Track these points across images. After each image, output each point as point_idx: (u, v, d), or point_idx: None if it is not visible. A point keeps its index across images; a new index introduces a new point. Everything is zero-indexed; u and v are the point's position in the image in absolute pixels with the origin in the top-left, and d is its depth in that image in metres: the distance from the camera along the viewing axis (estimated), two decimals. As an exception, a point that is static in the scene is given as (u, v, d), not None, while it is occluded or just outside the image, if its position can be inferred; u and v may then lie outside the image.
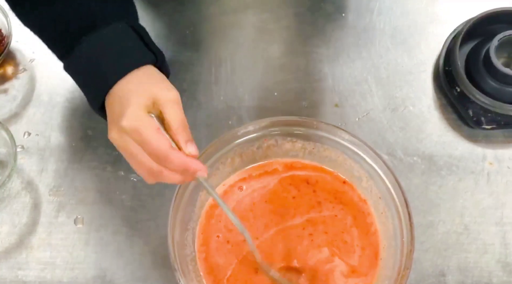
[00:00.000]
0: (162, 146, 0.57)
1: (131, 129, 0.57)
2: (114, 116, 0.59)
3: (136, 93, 0.59)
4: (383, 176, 0.73)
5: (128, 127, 0.57)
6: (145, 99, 0.59)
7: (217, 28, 0.91)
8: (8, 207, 0.81)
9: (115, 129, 0.59)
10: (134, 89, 0.59)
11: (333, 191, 0.77)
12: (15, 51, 0.90)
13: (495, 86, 0.81)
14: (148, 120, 0.58)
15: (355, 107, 0.86)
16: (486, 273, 0.77)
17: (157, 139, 0.57)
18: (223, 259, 0.74)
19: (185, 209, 0.72)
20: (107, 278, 0.77)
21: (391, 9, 0.92)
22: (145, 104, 0.59)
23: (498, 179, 0.81)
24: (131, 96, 0.59)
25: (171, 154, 0.57)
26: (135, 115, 0.58)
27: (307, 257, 0.73)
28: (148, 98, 0.59)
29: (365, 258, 0.74)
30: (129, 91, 0.59)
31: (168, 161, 0.57)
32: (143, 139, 0.57)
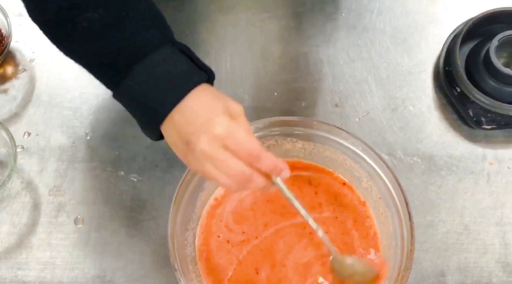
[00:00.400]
0: (256, 145, 0.59)
1: (227, 133, 0.58)
2: (199, 127, 0.59)
3: (216, 104, 0.60)
4: (383, 176, 0.73)
5: (223, 132, 0.58)
6: (225, 108, 0.60)
7: (217, 28, 0.91)
8: (8, 207, 0.81)
9: (205, 139, 0.58)
10: (211, 101, 0.60)
11: (333, 192, 0.77)
12: (15, 51, 0.90)
13: (495, 86, 0.81)
14: (238, 124, 0.59)
15: (355, 107, 0.86)
16: (486, 273, 0.77)
17: (250, 139, 0.59)
18: (224, 259, 0.74)
19: (185, 209, 0.72)
20: (107, 278, 0.77)
21: (391, 9, 0.92)
22: (227, 112, 0.60)
23: (498, 179, 0.81)
24: (213, 106, 0.59)
25: (263, 152, 0.59)
26: (226, 121, 0.58)
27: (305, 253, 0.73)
28: (226, 108, 0.60)
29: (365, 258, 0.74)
30: (208, 103, 0.60)
31: (261, 159, 0.59)
32: (238, 142, 0.58)
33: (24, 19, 0.92)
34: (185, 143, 0.60)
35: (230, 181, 0.59)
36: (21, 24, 0.91)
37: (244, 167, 0.59)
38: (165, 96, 0.60)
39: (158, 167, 0.82)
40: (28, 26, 0.91)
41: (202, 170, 0.60)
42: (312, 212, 0.76)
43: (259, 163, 0.59)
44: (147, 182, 0.81)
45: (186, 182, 0.72)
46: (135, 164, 0.82)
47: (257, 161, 0.59)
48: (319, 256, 0.74)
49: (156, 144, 0.83)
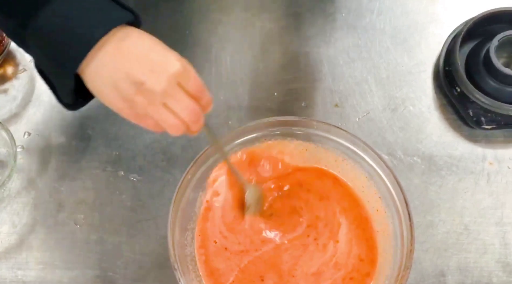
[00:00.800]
0: (201, 80, 0.61)
1: (185, 68, 0.59)
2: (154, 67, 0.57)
3: (160, 42, 0.60)
4: (383, 176, 0.73)
5: (182, 69, 0.58)
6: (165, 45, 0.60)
7: (217, 28, 0.91)
8: (8, 207, 0.81)
9: (165, 77, 0.57)
10: (155, 39, 0.60)
11: (333, 192, 0.77)
12: (15, 51, 0.90)
13: (495, 86, 0.81)
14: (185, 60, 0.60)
15: (355, 107, 0.86)
16: (486, 273, 0.77)
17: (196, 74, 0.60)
18: (224, 265, 0.73)
19: (185, 209, 0.72)
20: (107, 278, 0.77)
21: (391, 9, 0.92)
22: None
23: (498, 179, 0.81)
24: (161, 44, 0.59)
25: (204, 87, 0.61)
26: (179, 57, 0.59)
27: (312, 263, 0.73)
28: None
29: (356, 265, 0.73)
30: (154, 41, 0.59)
31: (204, 92, 0.61)
32: (192, 76, 0.59)
33: (24, 19, 0.92)
34: (136, 84, 0.57)
35: (179, 121, 0.59)
36: (21, 24, 0.91)
37: (196, 104, 0.60)
38: (87, 30, 0.56)
39: (158, 167, 0.82)
40: (28, 26, 0.92)
41: (154, 111, 0.58)
42: (311, 212, 0.76)
43: (202, 96, 0.61)
44: (147, 182, 0.81)
45: (186, 182, 0.72)
46: (135, 164, 0.82)
47: (202, 95, 0.61)
48: (327, 260, 0.73)
49: (156, 144, 0.83)
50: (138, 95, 0.57)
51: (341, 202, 0.77)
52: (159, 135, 0.83)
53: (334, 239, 0.74)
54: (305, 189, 0.77)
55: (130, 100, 0.57)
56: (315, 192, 0.77)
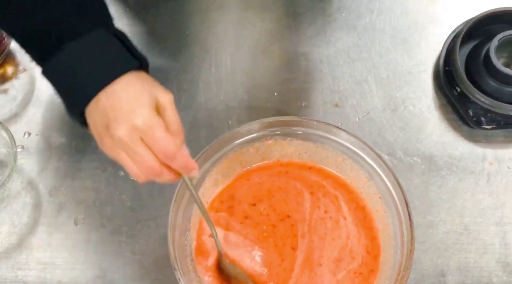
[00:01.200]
0: (172, 145, 0.60)
1: (146, 127, 0.59)
2: (121, 115, 0.59)
3: (143, 94, 0.60)
4: (383, 176, 0.73)
5: (142, 126, 0.59)
6: (152, 100, 0.60)
7: (217, 28, 0.91)
8: (8, 207, 0.81)
9: (125, 127, 0.59)
10: (139, 90, 0.60)
11: (333, 192, 0.77)
12: (15, 51, 0.90)
13: (495, 86, 0.81)
14: (159, 121, 0.60)
15: (355, 107, 0.86)
16: (486, 273, 0.77)
17: (167, 138, 0.59)
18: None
19: (185, 209, 0.72)
20: (107, 278, 0.77)
21: (391, 9, 0.92)
22: (153, 105, 0.60)
23: (498, 179, 0.81)
24: (139, 96, 0.60)
25: (178, 153, 0.60)
26: (148, 114, 0.59)
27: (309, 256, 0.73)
28: (153, 100, 0.60)
29: (365, 258, 0.74)
30: (135, 92, 0.60)
31: (174, 159, 0.60)
32: (155, 138, 0.59)
33: (24, 19, 0.92)
34: (105, 127, 0.60)
35: (140, 172, 0.61)
36: (21, 24, 0.91)
37: (156, 162, 0.60)
38: (93, 79, 0.60)
39: (158, 167, 0.82)
40: (28, 26, 0.92)
41: (116, 156, 0.61)
42: (311, 212, 0.76)
43: (172, 161, 0.60)
44: (147, 182, 0.81)
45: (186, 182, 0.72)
46: (135, 164, 0.82)
47: (171, 160, 0.60)
48: (344, 244, 0.74)
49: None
50: (105, 137, 0.61)
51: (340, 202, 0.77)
52: (159, 135, 0.83)
53: (342, 215, 0.75)
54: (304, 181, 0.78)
55: (100, 139, 0.62)
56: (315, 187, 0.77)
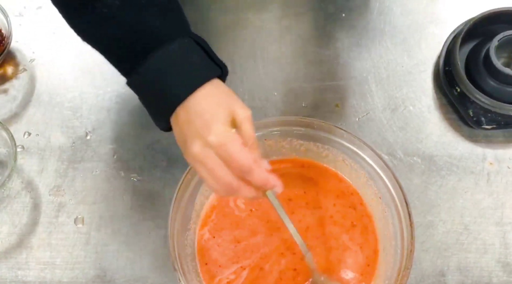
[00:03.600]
0: (248, 161, 0.59)
1: (219, 143, 0.58)
2: (195, 132, 0.59)
3: (219, 109, 0.60)
4: (383, 176, 0.73)
5: (216, 142, 0.58)
6: (227, 115, 0.60)
7: (217, 28, 0.91)
8: (8, 207, 0.81)
9: (199, 144, 0.59)
10: (215, 105, 0.60)
11: (333, 192, 0.77)
12: (15, 51, 0.90)
13: (495, 86, 0.81)
14: (234, 136, 0.59)
15: (355, 107, 0.86)
16: (486, 273, 0.77)
17: (243, 154, 0.59)
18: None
19: (185, 209, 0.72)
20: (107, 278, 0.77)
21: (391, 9, 0.92)
22: (229, 120, 0.60)
23: (498, 179, 0.81)
24: (214, 111, 0.60)
25: (255, 168, 0.59)
26: (222, 130, 0.59)
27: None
28: (229, 114, 0.60)
29: (364, 258, 0.74)
30: (211, 107, 0.60)
31: (251, 175, 0.59)
32: (229, 154, 0.58)
33: (24, 19, 0.92)
34: (183, 142, 0.61)
35: (217, 188, 0.60)
36: (21, 24, 0.91)
37: (232, 178, 0.59)
38: (178, 87, 0.61)
39: (158, 167, 0.82)
40: (28, 26, 0.92)
41: (196, 169, 0.61)
42: (311, 212, 0.76)
43: (249, 177, 0.60)
44: (147, 182, 0.81)
45: (186, 182, 0.72)
46: (135, 164, 0.82)
47: (248, 175, 0.59)
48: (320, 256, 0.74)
49: (156, 144, 0.83)
50: (184, 151, 0.61)
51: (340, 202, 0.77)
52: (159, 136, 0.83)
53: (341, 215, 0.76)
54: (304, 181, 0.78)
55: (183, 152, 0.62)
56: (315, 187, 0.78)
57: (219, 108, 0.60)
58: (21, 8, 0.92)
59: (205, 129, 0.59)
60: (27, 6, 0.93)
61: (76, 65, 0.89)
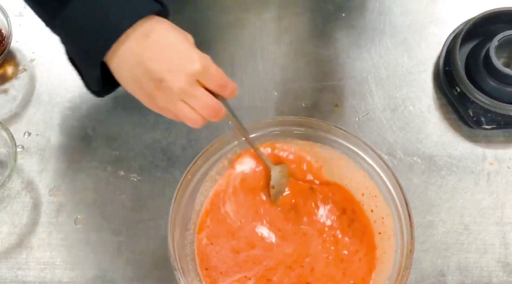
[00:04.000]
0: (223, 74, 0.62)
1: (204, 67, 0.60)
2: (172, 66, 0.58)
3: (183, 39, 0.61)
4: (383, 176, 0.73)
5: (201, 68, 0.60)
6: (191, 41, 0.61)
7: (217, 28, 0.91)
8: (8, 207, 0.81)
9: (183, 77, 0.59)
10: (178, 36, 0.61)
11: (333, 192, 0.77)
12: (15, 51, 0.90)
13: (495, 86, 0.81)
14: (207, 56, 0.61)
15: (355, 107, 0.86)
16: (486, 273, 0.77)
17: (218, 69, 0.61)
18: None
19: (185, 209, 0.72)
20: (107, 278, 0.77)
21: (391, 9, 0.92)
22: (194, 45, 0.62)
23: (498, 179, 0.81)
24: (182, 42, 0.60)
25: (227, 77, 0.62)
26: (200, 55, 0.60)
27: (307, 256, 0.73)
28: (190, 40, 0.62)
29: (364, 258, 0.74)
30: (176, 39, 0.60)
31: (227, 85, 0.62)
32: (212, 73, 0.60)
33: (24, 19, 0.92)
34: (155, 81, 0.59)
35: (199, 116, 0.61)
36: (21, 24, 0.91)
37: (215, 100, 0.61)
38: (114, 20, 0.58)
39: (158, 167, 0.82)
40: (28, 26, 0.92)
41: (172, 107, 0.60)
42: (310, 212, 0.76)
43: (225, 90, 0.62)
44: (147, 182, 0.81)
45: (186, 182, 0.72)
46: (135, 164, 0.82)
47: (225, 89, 0.62)
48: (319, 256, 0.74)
49: (156, 144, 0.83)
50: (158, 91, 0.59)
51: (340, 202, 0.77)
52: (160, 136, 0.83)
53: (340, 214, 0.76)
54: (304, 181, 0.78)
55: (150, 95, 0.60)
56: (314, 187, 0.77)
57: (183, 38, 0.61)
58: (21, 8, 0.92)
59: (186, 60, 0.59)
60: (27, 6, 0.93)
61: (76, 65, 0.89)
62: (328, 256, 0.74)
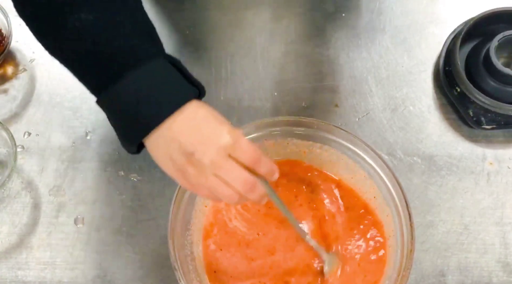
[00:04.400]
0: (257, 150, 0.59)
1: (233, 141, 0.58)
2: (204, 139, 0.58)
3: (217, 115, 0.60)
4: (383, 176, 0.73)
5: (230, 141, 0.58)
6: (223, 118, 0.60)
7: (217, 28, 0.91)
8: (8, 207, 0.81)
9: (213, 149, 0.58)
10: (209, 112, 0.60)
11: (333, 191, 0.77)
12: (15, 51, 0.90)
13: (495, 86, 0.81)
14: (240, 132, 0.60)
15: (355, 107, 0.86)
16: (486, 273, 0.77)
17: (252, 145, 0.59)
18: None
19: (185, 209, 0.72)
20: (107, 278, 0.77)
21: (391, 9, 0.92)
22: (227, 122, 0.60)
23: (498, 179, 0.81)
24: (215, 118, 0.59)
25: (262, 155, 0.60)
26: (230, 128, 0.59)
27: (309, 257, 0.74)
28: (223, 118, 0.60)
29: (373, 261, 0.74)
30: (210, 115, 0.60)
31: (261, 163, 0.60)
32: (244, 149, 0.59)
33: (24, 19, 0.92)
34: (187, 155, 0.58)
35: (232, 191, 0.59)
36: (21, 24, 0.90)
37: (249, 174, 0.59)
38: (156, 108, 0.58)
39: (158, 167, 0.82)
40: (28, 26, 0.92)
41: (205, 183, 0.59)
42: (310, 211, 0.76)
43: (259, 166, 0.60)
44: (147, 182, 0.81)
45: (186, 182, 0.72)
46: (135, 164, 0.82)
47: (258, 165, 0.60)
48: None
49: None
50: (189, 166, 0.59)
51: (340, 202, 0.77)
52: (159, 135, 0.83)
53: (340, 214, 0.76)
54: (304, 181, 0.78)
55: (182, 171, 0.59)
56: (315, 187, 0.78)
57: (216, 115, 0.60)
58: (21, 8, 0.92)
59: (216, 133, 0.58)
60: (27, 6, 0.93)
61: (76, 65, 0.89)
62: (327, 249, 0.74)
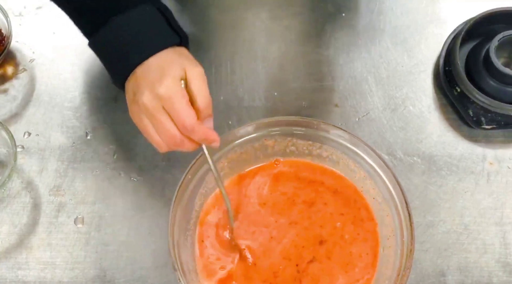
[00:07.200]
0: (191, 118, 0.62)
1: (167, 96, 0.62)
2: (148, 83, 0.63)
3: (172, 66, 0.63)
4: (383, 176, 0.73)
5: (164, 94, 0.62)
6: (179, 71, 0.63)
7: (217, 28, 0.91)
8: (8, 207, 0.81)
9: (149, 94, 0.62)
10: (169, 62, 0.64)
11: (333, 192, 0.77)
12: (15, 51, 0.90)
13: (495, 86, 0.81)
14: (182, 92, 0.63)
15: (355, 107, 0.86)
16: (486, 273, 0.77)
17: (187, 110, 0.62)
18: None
19: (185, 209, 0.72)
20: (107, 278, 0.77)
21: (391, 9, 0.92)
22: (180, 76, 0.63)
23: (498, 179, 0.81)
24: (168, 68, 0.63)
25: (197, 126, 0.63)
26: (171, 85, 0.62)
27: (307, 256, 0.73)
28: (181, 71, 0.64)
29: (364, 258, 0.74)
30: (165, 64, 0.63)
31: (193, 132, 0.63)
32: (175, 108, 0.62)
33: (24, 19, 0.92)
34: (133, 93, 0.64)
35: (162, 140, 0.64)
36: (21, 24, 0.91)
37: (177, 132, 0.63)
38: (135, 51, 0.64)
39: (158, 167, 0.82)
40: (28, 26, 0.92)
41: (139, 122, 0.65)
42: (310, 211, 0.76)
43: (191, 133, 0.63)
44: (147, 182, 0.81)
45: (186, 182, 0.72)
46: (135, 164, 0.82)
47: (190, 133, 0.63)
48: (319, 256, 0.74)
49: (156, 144, 0.83)
50: (133, 104, 0.65)
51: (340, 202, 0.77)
52: (159, 135, 0.83)
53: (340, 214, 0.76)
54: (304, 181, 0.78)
55: (130, 106, 0.66)
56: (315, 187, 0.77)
57: (173, 64, 0.63)
58: (21, 8, 0.92)
59: (157, 82, 0.62)
60: (27, 6, 0.93)
61: (76, 65, 0.89)
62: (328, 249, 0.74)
